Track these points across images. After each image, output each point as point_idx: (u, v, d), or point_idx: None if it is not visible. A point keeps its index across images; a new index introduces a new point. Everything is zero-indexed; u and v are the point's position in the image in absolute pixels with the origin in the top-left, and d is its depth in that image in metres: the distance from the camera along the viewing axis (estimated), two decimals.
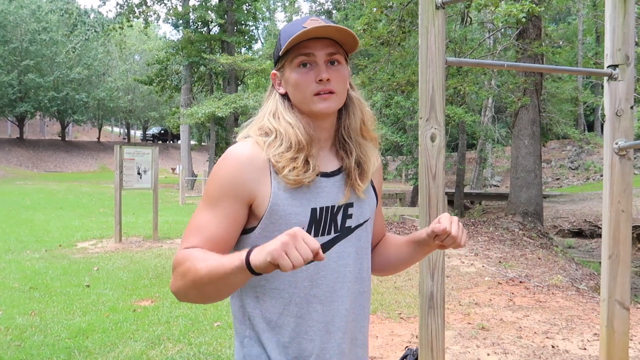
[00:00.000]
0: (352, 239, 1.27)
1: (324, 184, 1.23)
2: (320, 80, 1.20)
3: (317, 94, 1.20)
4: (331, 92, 1.21)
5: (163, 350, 4.01)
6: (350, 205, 1.26)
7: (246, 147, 1.21)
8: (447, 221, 1.20)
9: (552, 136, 28.17)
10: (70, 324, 4.59)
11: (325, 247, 1.23)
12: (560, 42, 18.88)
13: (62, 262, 7.36)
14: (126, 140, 50.07)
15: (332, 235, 1.24)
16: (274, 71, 1.29)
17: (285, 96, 1.27)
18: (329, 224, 1.23)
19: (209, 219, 1.18)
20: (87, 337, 4.27)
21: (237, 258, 1.02)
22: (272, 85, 1.30)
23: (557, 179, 27.84)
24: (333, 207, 1.23)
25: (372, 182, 1.34)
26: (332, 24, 1.18)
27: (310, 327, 1.22)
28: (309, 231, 1.20)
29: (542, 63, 11.27)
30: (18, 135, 39.59)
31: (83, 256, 7.85)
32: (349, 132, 1.29)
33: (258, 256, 0.98)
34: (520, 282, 6.49)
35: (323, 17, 1.25)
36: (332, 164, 1.27)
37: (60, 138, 43.27)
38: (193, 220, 1.21)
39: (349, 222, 1.26)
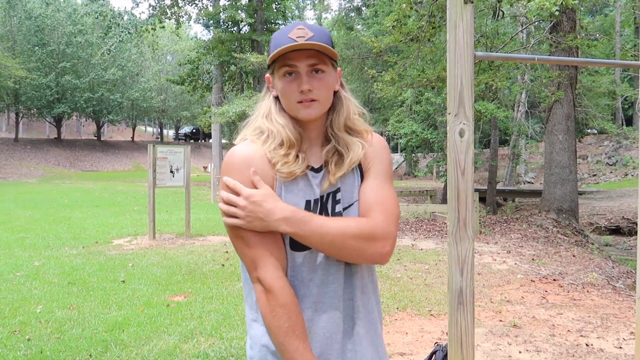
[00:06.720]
0: None
1: (315, 178, 1.33)
2: (302, 91, 1.28)
3: (300, 101, 1.29)
4: (313, 100, 1.29)
5: (195, 344, 4.09)
6: (337, 190, 1.35)
7: (248, 145, 1.33)
8: None
9: (588, 131, 27.37)
10: (107, 318, 4.72)
11: None
12: (597, 35, 18.34)
13: (99, 258, 7.56)
14: (159, 140, 50.98)
15: None
16: (267, 75, 1.39)
17: (277, 98, 1.37)
18: (321, 213, 1.32)
19: None
20: (122, 331, 4.39)
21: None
22: (267, 86, 1.41)
23: (594, 175, 27.05)
24: (322, 196, 1.33)
25: (360, 165, 1.38)
26: (313, 41, 1.26)
27: (304, 308, 1.30)
28: None
29: (577, 56, 10.99)
30: (56, 136, 40.70)
31: (118, 253, 8.05)
32: (333, 128, 1.37)
33: None
34: (554, 279, 6.37)
35: (313, 22, 1.32)
36: (320, 160, 1.36)
37: (96, 138, 44.35)
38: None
39: (338, 208, 1.35)
